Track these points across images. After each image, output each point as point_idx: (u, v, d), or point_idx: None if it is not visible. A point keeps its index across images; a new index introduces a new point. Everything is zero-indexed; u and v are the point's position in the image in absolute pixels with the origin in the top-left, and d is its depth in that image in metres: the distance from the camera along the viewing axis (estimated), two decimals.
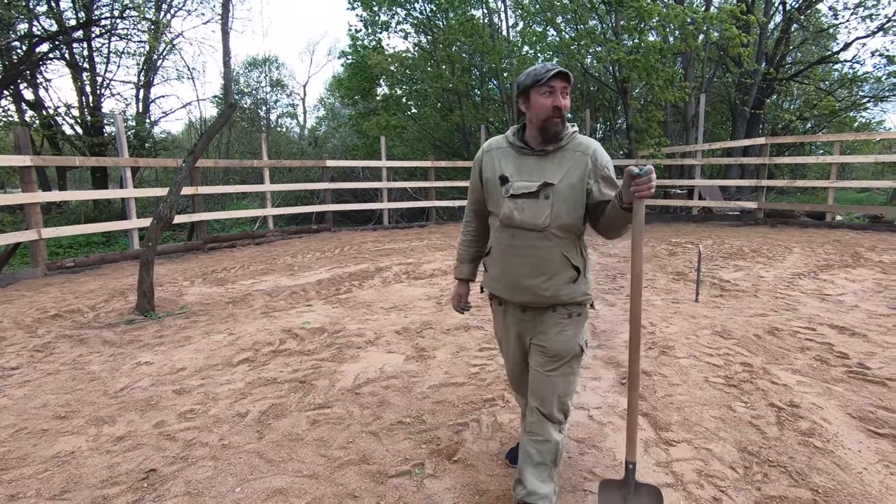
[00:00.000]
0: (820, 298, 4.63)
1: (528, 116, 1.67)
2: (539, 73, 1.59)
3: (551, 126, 1.61)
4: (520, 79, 1.66)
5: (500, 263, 1.73)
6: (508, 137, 1.73)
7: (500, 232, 1.71)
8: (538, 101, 1.60)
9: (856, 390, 2.70)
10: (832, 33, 18.55)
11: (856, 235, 8.42)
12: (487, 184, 1.74)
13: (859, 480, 1.93)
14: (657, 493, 1.62)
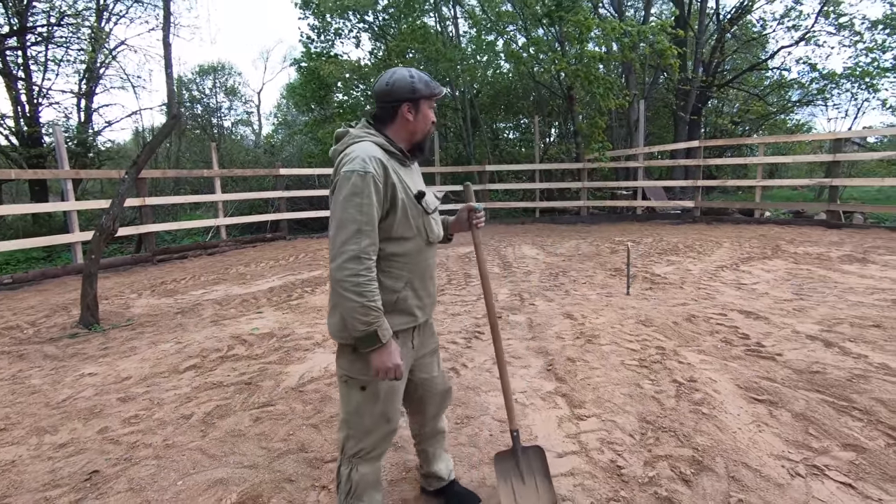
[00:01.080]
0: (736, 287, 5.08)
1: (410, 127, 1.58)
2: (434, 87, 1.58)
3: (429, 139, 1.64)
4: (413, 83, 1.54)
5: (427, 285, 1.65)
6: (385, 146, 1.53)
7: (423, 252, 1.61)
8: (427, 114, 1.59)
9: (748, 365, 3.07)
10: (761, 42, 19.95)
11: (780, 230, 9.13)
12: (402, 204, 1.51)
13: (732, 438, 2.24)
14: (541, 451, 1.87)
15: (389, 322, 1.51)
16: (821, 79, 17.15)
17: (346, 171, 1.42)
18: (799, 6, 16.76)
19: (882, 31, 15.58)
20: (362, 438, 1.61)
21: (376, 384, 1.56)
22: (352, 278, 1.39)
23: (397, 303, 1.55)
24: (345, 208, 1.41)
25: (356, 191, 1.39)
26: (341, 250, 1.40)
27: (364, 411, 1.58)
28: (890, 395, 2.58)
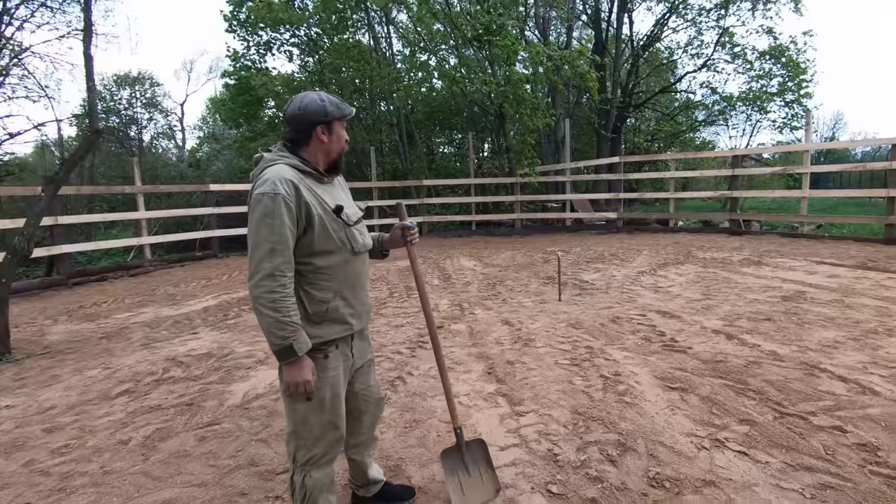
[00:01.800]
0: (654, 290, 5.58)
1: (325, 147, 1.65)
2: (345, 108, 1.67)
3: (341, 157, 1.72)
4: (325, 106, 1.61)
5: (358, 293, 1.73)
6: (299, 167, 1.60)
7: (351, 263, 1.69)
8: (341, 134, 1.67)
9: (664, 359, 3.43)
10: (670, 68, 21.93)
11: (691, 237, 10.06)
12: (319, 220, 1.58)
13: (651, 422, 2.54)
14: (483, 444, 2.04)
15: (324, 332, 1.62)
16: (721, 101, 19.12)
17: (257, 194, 1.50)
18: (700, 37, 18.64)
19: (768, 61, 17.66)
20: (313, 446, 1.67)
21: (321, 393, 1.63)
22: (267, 295, 1.47)
23: (328, 312, 1.63)
24: (258, 229, 1.49)
25: (267, 212, 1.47)
26: (257, 269, 1.48)
27: (311, 421, 1.64)
28: (777, 377, 3.01)
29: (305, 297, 1.61)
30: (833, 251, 7.49)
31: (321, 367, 1.64)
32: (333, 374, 1.67)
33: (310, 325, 1.60)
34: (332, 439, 1.70)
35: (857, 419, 2.46)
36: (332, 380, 1.67)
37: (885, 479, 1.99)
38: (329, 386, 1.66)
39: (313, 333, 1.60)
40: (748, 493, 1.95)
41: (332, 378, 1.67)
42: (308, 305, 1.61)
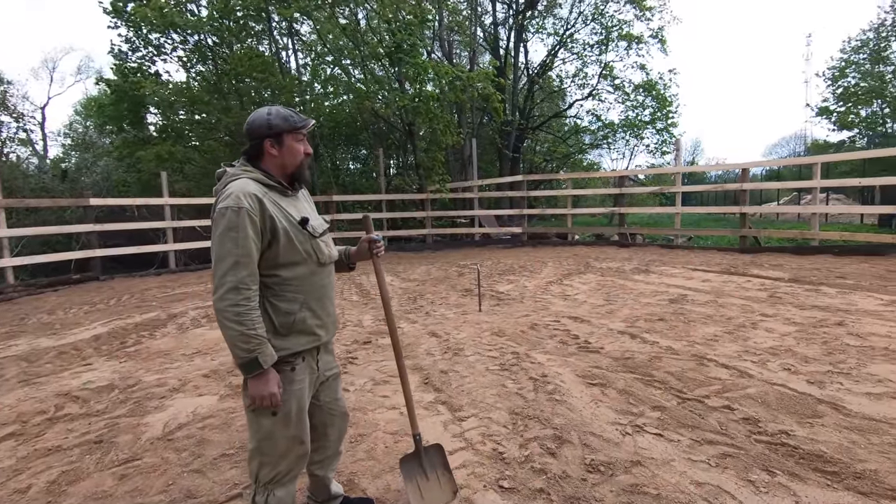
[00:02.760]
0: (563, 298, 6.06)
1: (278, 161, 1.65)
2: (297, 120, 1.66)
3: (303, 171, 1.72)
4: (270, 119, 1.62)
5: (325, 305, 1.73)
6: (263, 180, 1.62)
7: (317, 274, 1.70)
8: (294, 147, 1.66)
9: (582, 359, 3.77)
10: (561, 95, 23.96)
11: (587, 250, 11.01)
12: (284, 232, 1.59)
13: (580, 415, 2.80)
14: (440, 448, 2.13)
15: (291, 343, 1.62)
16: (604, 127, 21.29)
17: (220, 208, 1.51)
18: (585, 69, 20.62)
19: (642, 93, 20.01)
20: (277, 463, 1.65)
21: (286, 408, 1.62)
22: (231, 308, 1.47)
23: (295, 324, 1.63)
24: (222, 243, 1.49)
25: (231, 225, 1.48)
26: (221, 282, 1.49)
27: (277, 436, 1.63)
28: (675, 368, 3.46)
29: (272, 308, 1.60)
30: (703, 259, 8.68)
31: (288, 379, 1.63)
32: (300, 387, 1.67)
33: (277, 337, 1.60)
34: (298, 455, 1.69)
35: (740, 398, 2.93)
36: (298, 393, 1.66)
37: (767, 445, 2.41)
38: (295, 399, 1.65)
39: (280, 346, 1.60)
40: (668, 467, 2.25)
41: (299, 391, 1.67)
42: (274, 317, 1.60)
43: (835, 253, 8.35)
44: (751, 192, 9.84)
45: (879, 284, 5.83)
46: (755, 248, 9.61)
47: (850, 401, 2.83)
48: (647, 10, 18.26)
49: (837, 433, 2.48)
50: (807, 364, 3.43)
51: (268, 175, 1.64)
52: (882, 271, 6.63)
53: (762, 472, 2.18)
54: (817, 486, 2.08)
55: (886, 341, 3.78)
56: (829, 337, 3.96)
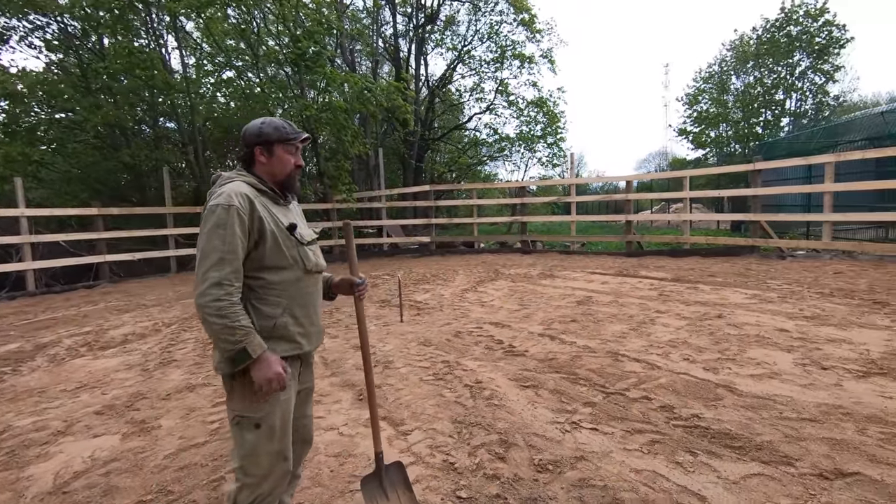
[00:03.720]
0: (480, 305, 6.23)
1: (267, 169, 1.67)
2: (288, 132, 1.68)
3: (292, 181, 1.73)
4: (262, 128, 1.65)
5: (309, 313, 1.71)
6: (257, 185, 1.63)
7: (302, 281, 1.68)
8: (283, 157, 1.68)
9: (510, 363, 3.90)
10: (460, 108, 24.79)
11: (493, 257, 11.45)
12: (272, 234, 1.59)
13: (520, 418, 2.89)
14: (401, 465, 2.09)
15: (272, 349, 1.57)
16: (500, 140, 22.41)
17: (211, 206, 1.52)
18: (483, 84, 21.56)
19: (534, 109, 21.40)
20: (259, 484, 1.58)
21: (271, 419, 1.57)
22: (213, 303, 1.46)
23: (276, 328, 1.60)
24: (209, 239, 1.49)
25: (220, 222, 1.49)
26: (204, 277, 1.48)
27: (261, 451, 1.57)
28: (595, 365, 3.73)
29: (253, 311, 1.56)
30: (597, 263, 9.47)
31: None
32: (285, 396, 1.61)
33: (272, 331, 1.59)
34: (281, 473, 1.63)
35: (654, 388, 3.24)
36: (283, 403, 1.62)
37: (684, 428, 2.69)
38: (280, 410, 1.61)
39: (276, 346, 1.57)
40: (608, 459, 2.41)
41: (284, 401, 1.62)
42: (256, 320, 1.56)
43: (702, 254, 9.60)
44: (626, 202, 10.99)
45: (741, 280, 6.81)
46: (639, 252, 10.71)
47: (739, 383, 3.26)
48: (537, 33, 19.64)
49: (736, 412, 2.84)
50: (701, 353, 3.89)
51: (260, 180, 1.65)
52: (741, 269, 7.76)
53: (686, 454, 2.43)
54: (730, 460, 2.36)
55: (757, 329, 4.42)
56: (714, 328, 4.54)
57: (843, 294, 5.55)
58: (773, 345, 3.97)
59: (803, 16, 19.67)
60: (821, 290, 5.80)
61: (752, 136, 21.73)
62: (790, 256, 8.67)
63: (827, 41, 19.54)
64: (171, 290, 8.68)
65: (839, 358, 3.59)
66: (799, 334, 4.20)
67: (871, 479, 2.13)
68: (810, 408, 2.83)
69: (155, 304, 7.40)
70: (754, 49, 21.89)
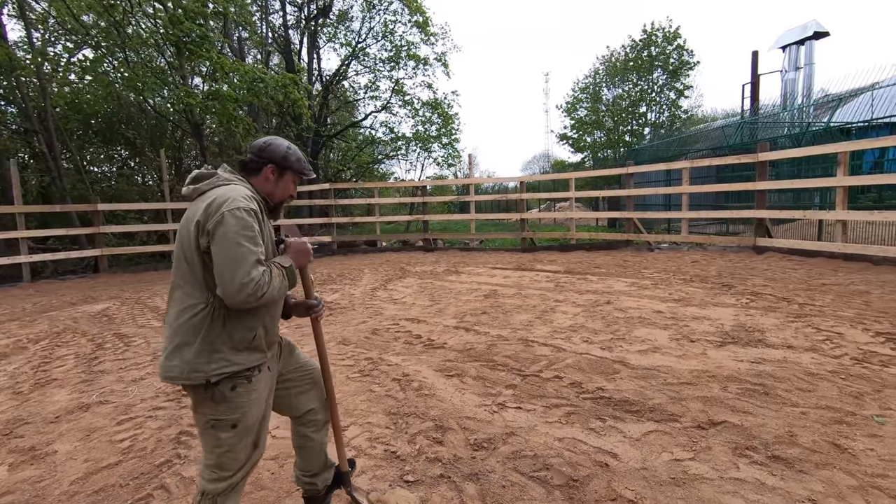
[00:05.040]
0: (392, 302, 6.33)
1: (268, 188, 1.70)
2: (305, 167, 1.75)
3: (280, 208, 1.78)
4: (288, 153, 1.69)
5: (275, 324, 1.76)
6: (252, 194, 1.63)
7: None
8: (288, 186, 1.74)
9: (432, 355, 4.08)
10: (355, 105, 24.45)
11: (397, 256, 11.57)
12: (266, 247, 1.62)
13: (451, 404, 3.07)
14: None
15: (247, 360, 1.60)
16: (397, 139, 22.56)
17: (232, 210, 1.49)
18: (378, 82, 21.51)
19: (429, 110, 21.86)
20: (235, 474, 1.62)
21: (247, 418, 1.60)
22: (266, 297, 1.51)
23: (254, 341, 1.62)
24: (238, 243, 1.47)
25: (246, 225, 1.49)
26: (246, 280, 1.46)
27: (237, 447, 1.60)
28: (510, 352, 4.05)
29: (233, 322, 1.55)
30: (497, 259, 10.06)
31: (246, 390, 1.61)
32: (257, 395, 1.66)
33: (233, 352, 1.57)
34: (254, 462, 1.68)
35: (563, 368, 3.63)
36: (256, 402, 1.65)
37: (592, 399, 3.08)
38: (255, 408, 1.64)
39: (235, 360, 1.56)
40: (534, 432, 2.68)
41: (257, 400, 1.65)
42: (235, 332, 1.56)
43: (587, 249, 10.66)
44: (521, 201, 11.83)
45: (621, 270, 7.73)
46: (532, 248, 11.55)
47: (630, 358, 3.78)
48: (431, 36, 20.07)
49: (631, 382, 3.31)
50: (596, 335, 4.41)
51: (256, 190, 1.66)
52: (619, 261, 8.79)
53: (597, 421, 2.79)
54: (632, 422, 2.77)
55: (638, 311, 5.11)
56: (605, 313, 5.14)
57: (700, 279, 6.59)
58: (652, 324, 4.63)
59: (661, 39, 22.57)
60: (683, 277, 6.82)
61: (622, 142, 24.40)
62: (657, 249, 9.99)
63: (679, 63, 22.62)
64: (28, 303, 7.51)
65: (702, 332, 4.31)
66: (671, 314, 4.93)
67: (735, 424, 2.65)
68: (685, 374, 3.39)
69: (11, 319, 6.36)
70: (622, 65, 24.58)
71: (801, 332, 4.18)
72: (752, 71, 17.73)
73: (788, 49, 17.69)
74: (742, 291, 5.74)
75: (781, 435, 2.51)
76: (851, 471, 2.20)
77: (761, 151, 8.42)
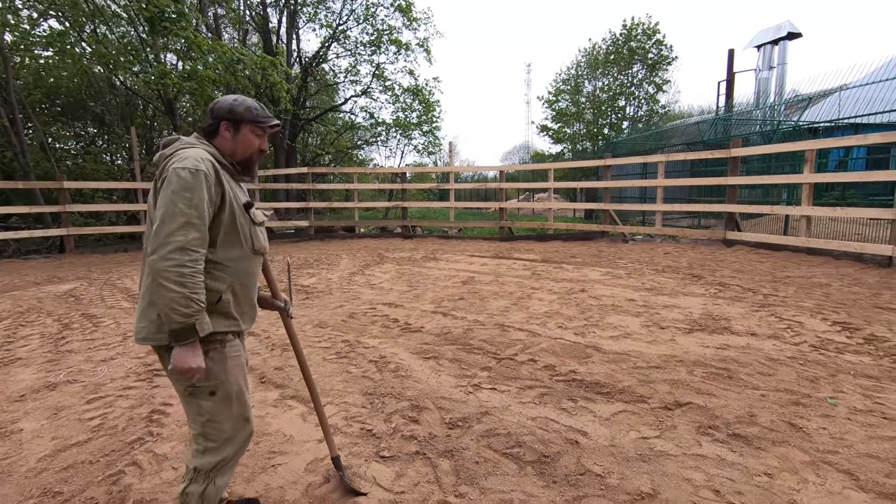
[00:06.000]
0: (370, 287, 6.32)
1: (230, 146, 1.64)
2: (259, 115, 1.65)
3: (252, 164, 1.70)
4: (233, 105, 1.62)
5: (249, 294, 1.69)
6: (217, 156, 1.59)
7: (248, 260, 1.66)
8: (248, 139, 1.65)
9: (409, 339, 4.11)
10: (335, 89, 24.03)
11: (376, 242, 11.51)
12: (229, 208, 1.56)
13: (427, 385, 3.12)
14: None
15: (213, 324, 1.54)
16: (377, 125, 22.31)
17: (176, 168, 1.44)
18: (358, 66, 21.18)
19: (410, 97, 21.66)
20: (222, 448, 1.59)
21: (226, 386, 1.56)
22: (176, 268, 1.39)
23: (219, 305, 1.57)
24: (173, 202, 1.41)
25: (187, 186, 1.43)
26: (166, 241, 1.40)
27: (221, 416, 1.57)
28: (486, 336, 4.10)
29: None
30: (475, 248, 10.11)
31: (220, 356, 1.56)
32: (236, 362, 1.60)
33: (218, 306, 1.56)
34: (244, 437, 1.64)
35: (538, 352, 3.70)
36: (235, 369, 1.60)
37: (565, 382, 3.16)
38: (233, 375, 1.58)
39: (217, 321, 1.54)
40: (508, 412, 2.75)
41: (236, 367, 1.60)
42: None
43: (564, 239, 10.81)
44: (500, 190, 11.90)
45: (596, 260, 7.88)
46: (510, 237, 11.65)
47: (603, 343, 3.88)
48: (413, 21, 19.81)
49: (603, 366, 3.41)
50: (571, 321, 4.50)
51: (221, 154, 1.62)
52: (594, 251, 8.95)
53: (568, 402, 2.87)
54: (602, 402, 2.86)
55: (612, 300, 5.23)
56: (579, 300, 5.25)
57: (672, 270, 6.77)
58: (624, 312, 4.76)
59: (641, 34, 22.80)
60: (656, 267, 7.00)
61: (601, 135, 24.65)
62: (631, 240, 10.20)
63: (658, 57, 22.91)
64: None
65: (672, 319, 4.45)
66: (643, 302, 5.07)
67: (699, 405, 2.77)
68: (654, 358, 3.50)
69: None
70: (603, 58, 24.76)
71: (765, 320, 4.35)
72: (727, 69, 18.11)
73: (763, 48, 18.11)
74: (711, 282, 5.93)
75: (742, 415, 2.63)
76: (805, 448, 2.32)
77: (734, 147, 8.65)
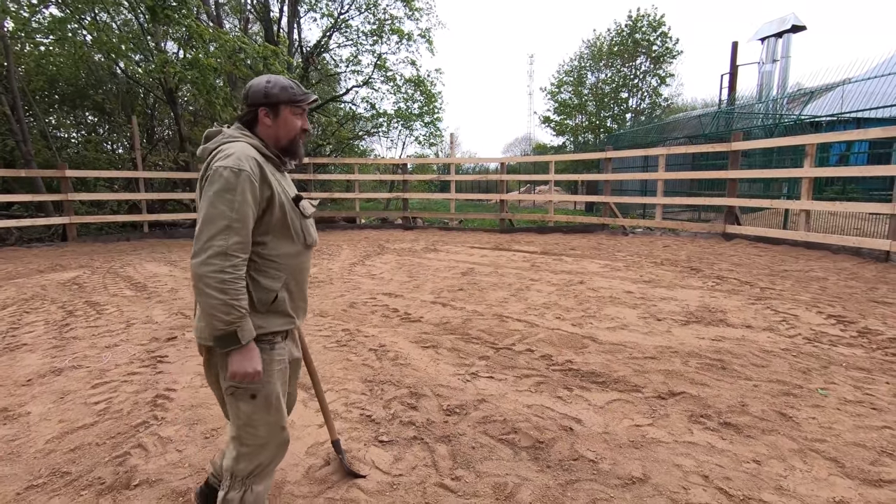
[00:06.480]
0: (370, 277, 6.38)
1: (272, 132, 1.57)
2: (297, 93, 1.57)
3: (297, 147, 1.63)
4: (268, 88, 1.53)
5: (302, 288, 1.66)
6: (261, 149, 1.52)
7: (301, 255, 1.62)
8: (290, 120, 1.58)
9: (408, 328, 4.16)
10: (336, 79, 23.93)
11: (377, 233, 11.55)
12: (280, 206, 1.51)
13: (425, 373, 3.17)
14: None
15: (268, 323, 1.53)
16: (378, 116, 22.24)
17: (218, 167, 1.40)
18: (360, 56, 21.08)
19: (411, 87, 21.58)
20: (258, 454, 1.54)
21: (267, 390, 1.52)
22: (216, 274, 1.35)
23: (275, 303, 1.54)
24: (214, 204, 1.38)
25: (229, 187, 1.38)
26: (207, 245, 1.36)
27: (257, 422, 1.52)
28: (484, 326, 4.16)
29: (252, 283, 1.50)
30: (475, 239, 10.15)
31: (268, 358, 1.52)
32: (280, 367, 1.57)
33: (255, 314, 1.49)
34: (279, 443, 1.59)
35: (535, 342, 3.76)
36: (279, 374, 1.56)
37: (561, 371, 3.21)
38: (276, 381, 1.55)
39: (257, 324, 1.49)
40: (504, 399, 2.80)
41: (280, 372, 1.57)
42: (255, 293, 1.50)
43: (564, 231, 10.84)
44: (501, 182, 11.91)
45: (595, 252, 7.92)
46: (511, 229, 11.68)
47: (599, 334, 3.93)
48: (416, 11, 19.69)
49: (599, 356, 3.46)
50: (568, 312, 4.55)
51: (264, 144, 1.55)
52: (594, 244, 8.99)
53: (564, 390, 2.93)
54: (597, 391, 2.91)
55: (610, 291, 5.28)
56: (577, 292, 5.30)
57: (670, 263, 6.81)
58: (622, 303, 4.80)
59: (646, 26, 22.64)
60: (654, 260, 7.04)
61: (603, 127, 24.57)
62: (631, 233, 10.23)
63: (663, 50, 22.77)
64: None
65: (669, 311, 4.50)
66: (640, 295, 5.12)
67: (693, 395, 2.82)
68: (650, 349, 3.56)
69: None
70: (608, 49, 24.60)
71: (761, 313, 4.40)
72: (731, 61, 18.01)
73: (767, 41, 17.99)
74: (709, 275, 5.97)
75: (734, 405, 2.69)
76: (794, 436, 2.38)
77: (735, 141, 8.65)
